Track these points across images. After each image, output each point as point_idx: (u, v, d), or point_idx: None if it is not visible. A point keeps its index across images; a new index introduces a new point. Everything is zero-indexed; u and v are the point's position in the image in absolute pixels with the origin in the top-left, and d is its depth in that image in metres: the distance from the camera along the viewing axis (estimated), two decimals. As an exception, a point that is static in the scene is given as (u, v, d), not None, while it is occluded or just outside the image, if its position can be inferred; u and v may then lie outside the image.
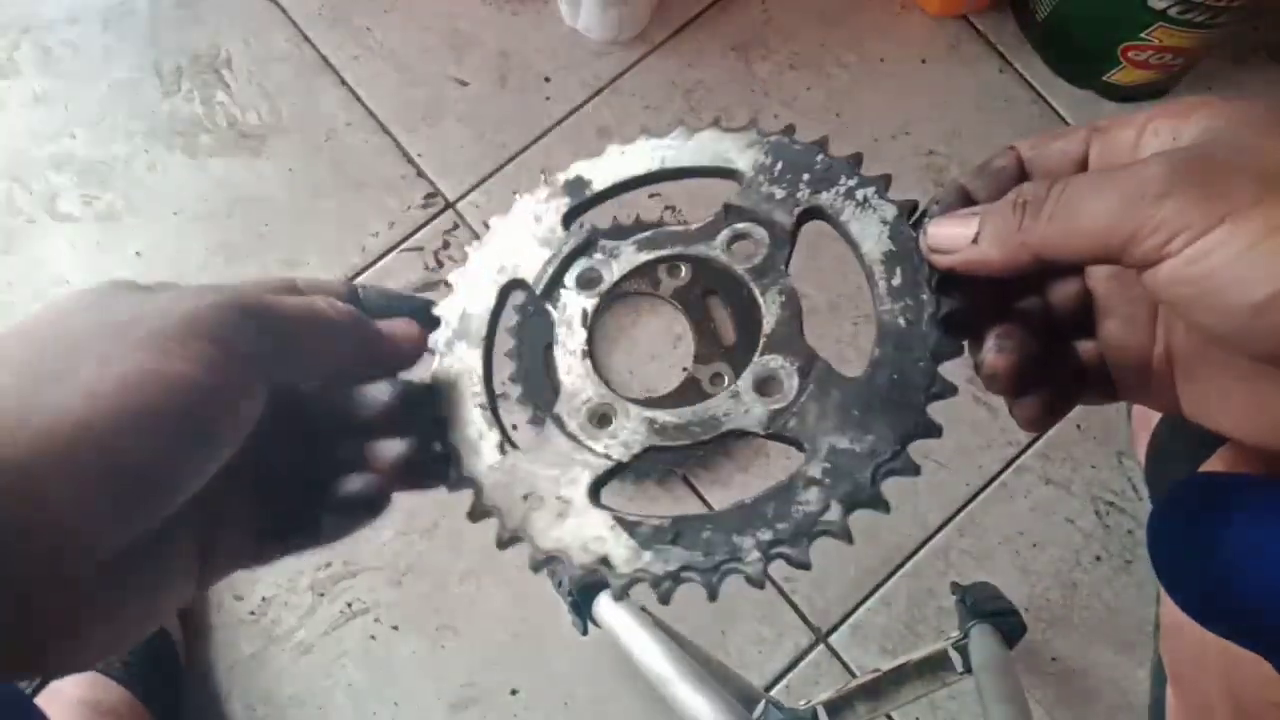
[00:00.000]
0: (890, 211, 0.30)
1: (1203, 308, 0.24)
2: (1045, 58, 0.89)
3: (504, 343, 0.80)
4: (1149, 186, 0.24)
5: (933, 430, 0.28)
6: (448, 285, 0.33)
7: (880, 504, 0.27)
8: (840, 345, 0.81)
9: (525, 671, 0.74)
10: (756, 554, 0.27)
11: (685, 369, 0.79)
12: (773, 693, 0.74)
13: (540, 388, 0.78)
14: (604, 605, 0.65)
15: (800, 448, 0.28)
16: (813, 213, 0.31)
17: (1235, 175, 0.23)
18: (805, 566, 0.26)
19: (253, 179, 0.85)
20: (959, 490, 0.78)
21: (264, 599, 0.76)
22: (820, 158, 0.32)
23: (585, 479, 0.29)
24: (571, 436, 0.30)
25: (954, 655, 0.65)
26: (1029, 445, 0.79)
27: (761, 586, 0.27)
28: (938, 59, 0.89)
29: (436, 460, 0.31)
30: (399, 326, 0.31)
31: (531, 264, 0.33)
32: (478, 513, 0.30)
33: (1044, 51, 0.89)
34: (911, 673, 0.65)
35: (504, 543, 0.29)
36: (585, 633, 0.69)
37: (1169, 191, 0.23)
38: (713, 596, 0.27)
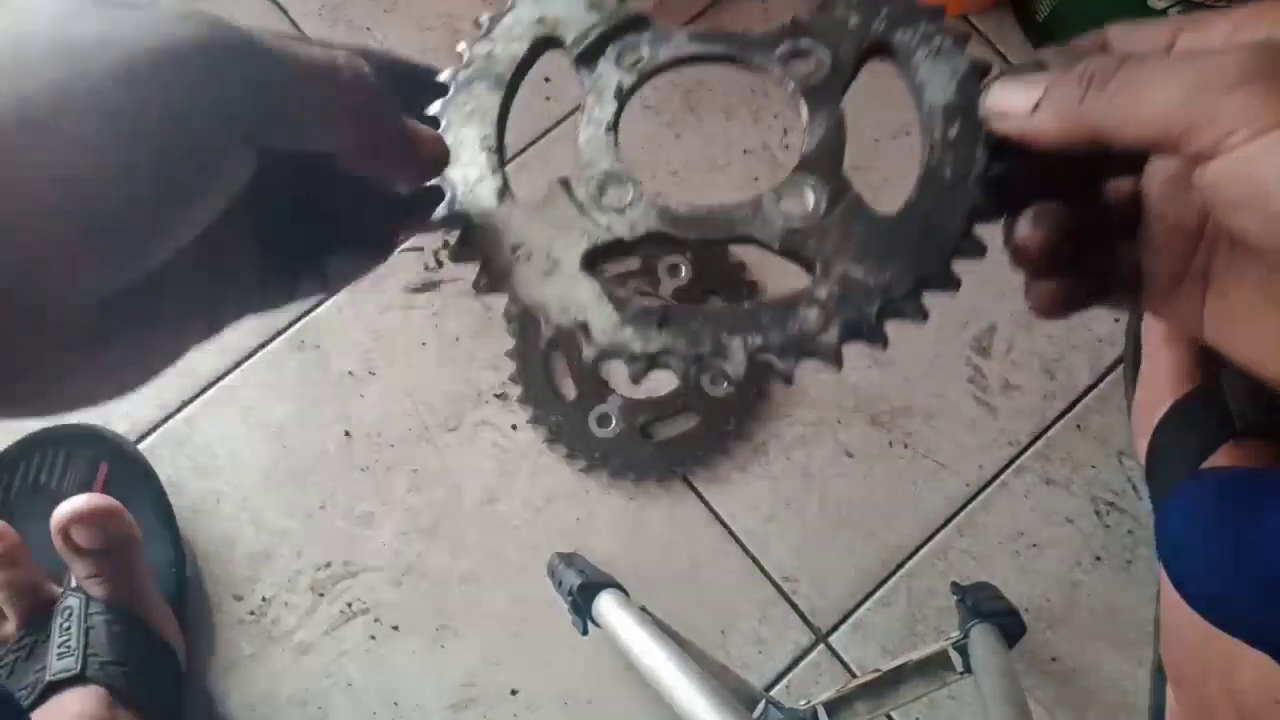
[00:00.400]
0: (963, 64, 0.29)
1: (1245, 210, 0.23)
2: (1045, 58, 0.89)
3: (505, 342, 0.80)
4: (1221, 76, 0.22)
5: (951, 282, 0.27)
6: (478, 25, 0.32)
7: (879, 338, 0.26)
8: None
9: (525, 672, 0.75)
10: (742, 355, 0.26)
11: (685, 369, 0.79)
12: (773, 692, 0.74)
13: (544, 393, 0.78)
14: (604, 605, 0.66)
15: (811, 269, 0.27)
16: (882, 48, 0.30)
17: None
18: (788, 380, 0.26)
19: (252, 179, 0.85)
20: (959, 490, 0.78)
21: (264, 599, 0.76)
22: (905, 2, 0.30)
23: (581, 245, 0.28)
24: (577, 203, 0.29)
25: (954, 655, 0.65)
26: (1029, 445, 0.79)
27: (740, 384, 0.27)
28: (938, 59, 0.89)
29: (437, 197, 0.29)
30: (426, 134, 0.28)
31: (575, 23, 0.31)
32: (461, 252, 0.29)
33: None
34: (911, 672, 0.65)
35: (481, 287, 0.28)
36: (585, 633, 0.69)
37: (1240, 83, 0.22)
38: (688, 386, 0.27)
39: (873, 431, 0.79)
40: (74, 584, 0.65)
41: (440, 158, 0.29)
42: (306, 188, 0.29)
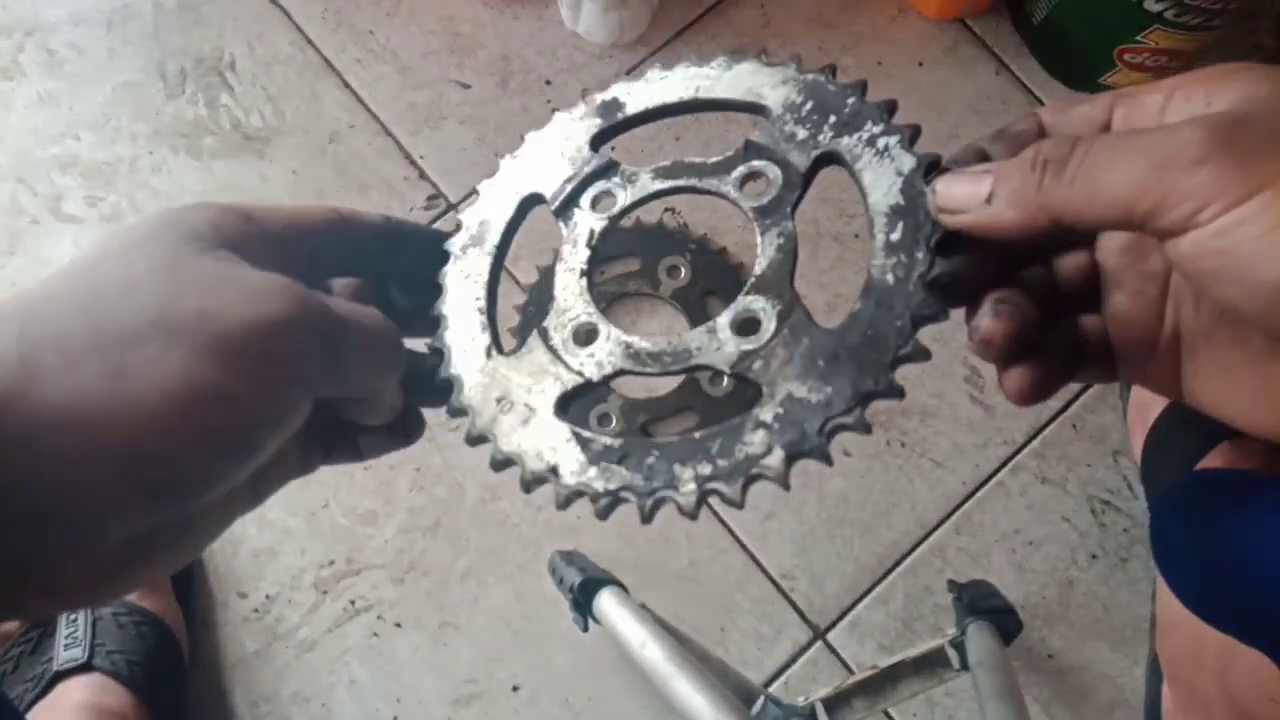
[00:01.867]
0: (909, 163, 0.29)
1: (1226, 282, 0.23)
2: (1041, 60, 0.90)
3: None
4: (1183, 151, 0.22)
5: (894, 392, 0.27)
6: (476, 193, 0.35)
7: (824, 457, 0.26)
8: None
9: (527, 668, 0.75)
10: (692, 485, 0.27)
11: (685, 369, 0.80)
12: (771, 689, 0.75)
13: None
14: (604, 603, 0.66)
15: (760, 391, 0.28)
16: (830, 158, 0.31)
17: (1277, 144, 0.22)
18: (737, 505, 0.27)
19: (257, 181, 0.86)
20: (956, 489, 0.79)
21: (268, 597, 0.76)
22: (852, 101, 0.31)
23: (554, 391, 0.30)
24: (552, 350, 0.31)
25: (951, 652, 0.65)
26: (1025, 444, 0.80)
27: (693, 518, 0.27)
28: (935, 62, 0.90)
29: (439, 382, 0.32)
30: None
31: (553, 180, 0.34)
32: (454, 410, 0.31)
33: (1040, 54, 0.90)
34: (909, 670, 0.66)
35: (472, 440, 0.30)
36: (586, 629, 0.69)
37: (1204, 158, 0.22)
38: (645, 519, 0.27)
39: (871, 431, 0.80)
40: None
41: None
42: None
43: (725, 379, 0.78)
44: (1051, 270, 0.31)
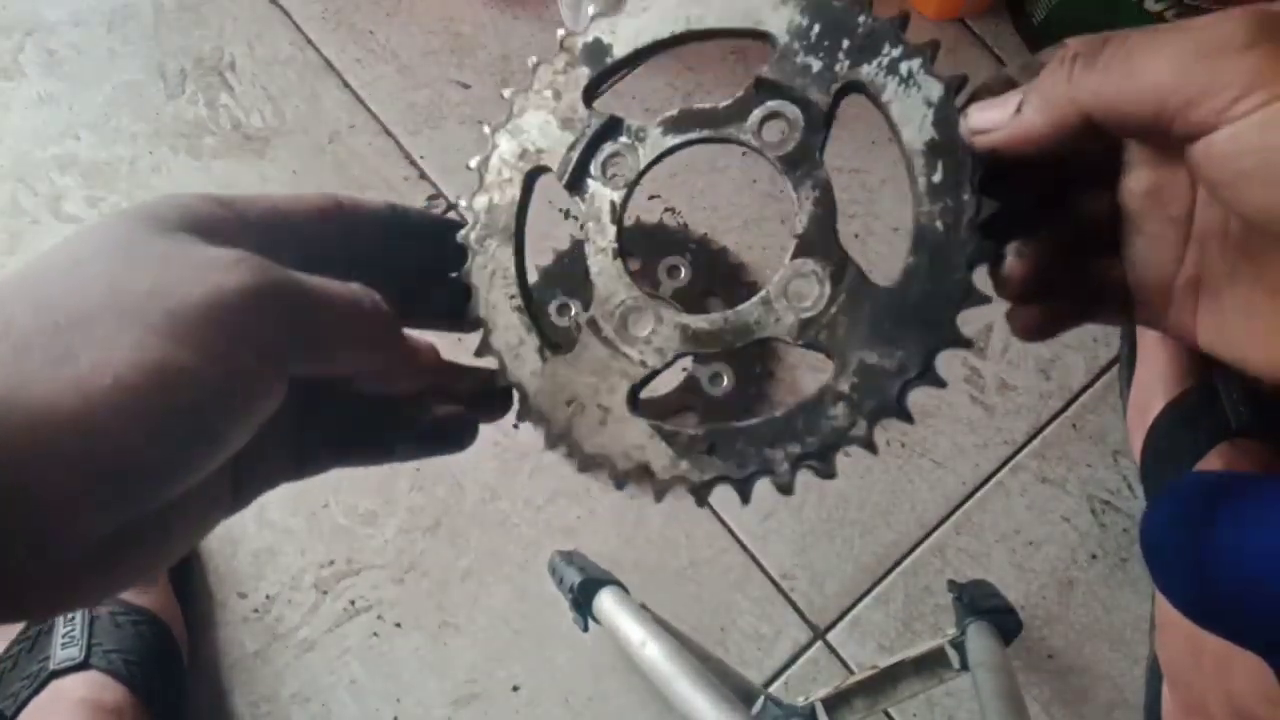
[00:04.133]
0: (936, 90, 0.27)
1: (1258, 182, 0.21)
2: (1042, 60, 0.90)
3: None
4: (1230, 39, 0.21)
5: (962, 343, 0.27)
6: (469, 168, 0.33)
7: (905, 415, 0.27)
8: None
9: (526, 668, 0.75)
10: (786, 465, 0.27)
11: (685, 369, 0.80)
12: (771, 689, 0.75)
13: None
14: (604, 603, 0.66)
15: (831, 358, 0.28)
16: (852, 88, 0.29)
17: None
18: (831, 476, 0.27)
19: (257, 181, 0.86)
20: (956, 489, 0.79)
21: (268, 597, 0.76)
22: (863, 19, 0.29)
23: (623, 387, 0.30)
24: (607, 342, 0.30)
25: (951, 652, 0.65)
26: (1025, 444, 0.80)
27: (790, 493, 0.27)
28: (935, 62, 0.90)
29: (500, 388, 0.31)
30: (421, 345, 0.30)
31: (555, 147, 0.32)
32: (524, 415, 0.30)
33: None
34: (909, 670, 0.66)
35: (552, 443, 0.30)
36: (586, 629, 0.69)
37: (1253, 44, 0.21)
38: (745, 500, 0.28)
39: (871, 431, 0.80)
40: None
41: (439, 366, 0.30)
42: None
43: (725, 378, 0.78)
44: (1071, 212, 0.30)
